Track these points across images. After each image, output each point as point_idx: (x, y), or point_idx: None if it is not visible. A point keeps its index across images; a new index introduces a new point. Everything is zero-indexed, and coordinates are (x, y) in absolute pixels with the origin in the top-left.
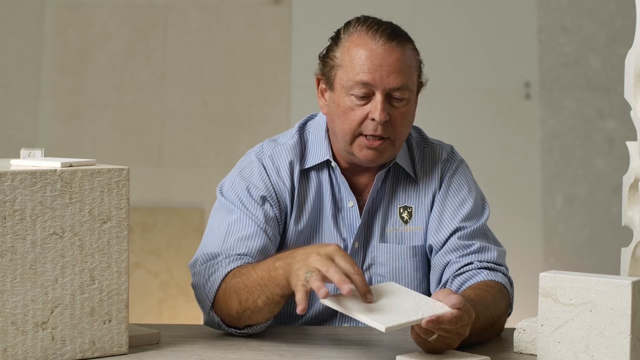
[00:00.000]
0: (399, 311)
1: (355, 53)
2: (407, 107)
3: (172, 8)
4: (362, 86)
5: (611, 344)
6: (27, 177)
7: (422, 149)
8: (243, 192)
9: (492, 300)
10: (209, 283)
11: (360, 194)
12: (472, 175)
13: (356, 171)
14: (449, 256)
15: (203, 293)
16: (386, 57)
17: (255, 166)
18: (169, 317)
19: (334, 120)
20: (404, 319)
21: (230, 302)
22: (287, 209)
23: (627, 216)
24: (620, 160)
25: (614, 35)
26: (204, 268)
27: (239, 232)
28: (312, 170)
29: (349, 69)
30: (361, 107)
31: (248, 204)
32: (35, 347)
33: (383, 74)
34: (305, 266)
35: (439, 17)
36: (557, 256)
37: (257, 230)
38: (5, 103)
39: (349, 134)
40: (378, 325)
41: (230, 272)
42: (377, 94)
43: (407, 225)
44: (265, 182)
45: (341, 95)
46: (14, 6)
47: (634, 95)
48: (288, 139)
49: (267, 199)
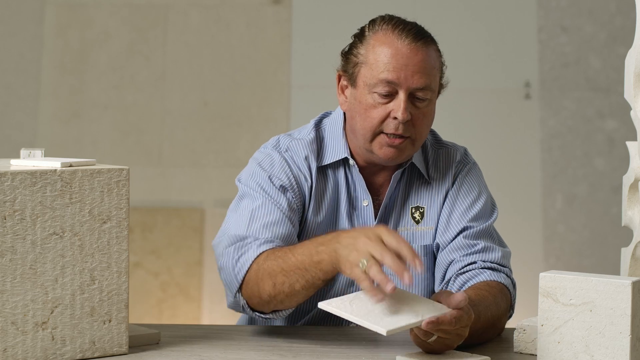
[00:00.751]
0: (398, 313)
1: (381, 51)
2: (429, 108)
3: (172, 8)
4: (386, 84)
5: (611, 344)
6: (27, 177)
7: (437, 151)
8: (265, 181)
9: (493, 301)
10: (238, 264)
11: (375, 193)
12: (483, 178)
13: (373, 170)
14: (453, 254)
15: (232, 274)
16: (412, 56)
17: (275, 158)
18: (169, 317)
19: (355, 117)
20: (404, 321)
21: (263, 284)
22: (306, 201)
23: (627, 216)
24: (620, 160)
25: (614, 35)
26: (233, 249)
27: (264, 218)
28: (328, 168)
29: (373, 66)
30: (383, 106)
31: (271, 191)
32: (35, 347)
33: (408, 73)
34: (357, 252)
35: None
36: (557, 256)
37: (282, 217)
38: (5, 103)
39: (370, 131)
40: (379, 329)
41: (263, 254)
42: (401, 93)
43: (419, 225)
44: (286, 173)
45: (364, 93)
46: (14, 6)
47: (634, 95)
48: (305, 134)
49: (288, 188)
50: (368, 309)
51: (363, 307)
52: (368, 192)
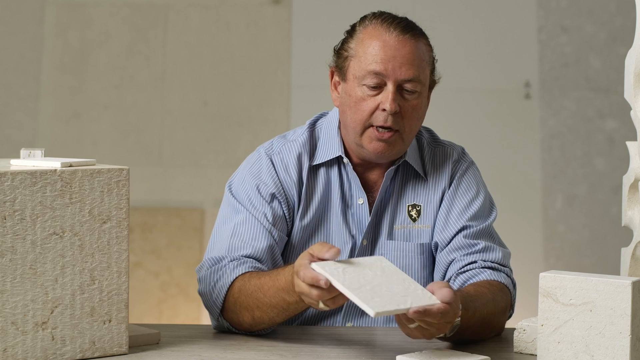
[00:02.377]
0: (388, 295)
1: (369, 44)
2: (418, 101)
3: (172, 8)
4: (374, 76)
5: (611, 344)
6: (27, 177)
7: (433, 149)
8: (253, 191)
9: (492, 298)
10: (215, 291)
11: (369, 191)
12: (481, 177)
13: (367, 168)
14: (453, 254)
15: (210, 301)
16: (399, 48)
17: (263, 162)
18: (169, 317)
19: (346, 111)
20: (393, 306)
21: (242, 316)
22: (295, 206)
23: (627, 216)
24: (620, 160)
25: (614, 35)
26: (209, 274)
27: (245, 234)
28: (321, 167)
29: (362, 59)
30: (372, 98)
31: (257, 203)
32: (35, 347)
33: (395, 64)
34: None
35: (438, 17)
36: (557, 256)
37: (262, 231)
38: (5, 103)
39: (360, 124)
40: (368, 309)
41: (237, 281)
42: (389, 85)
43: (416, 223)
44: (273, 179)
45: (353, 86)
46: (14, 6)
47: (634, 95)
48: (298, 135)
49: (276, 196)
50: (360, 282)
51: (355, 279)
52: (363, 190)
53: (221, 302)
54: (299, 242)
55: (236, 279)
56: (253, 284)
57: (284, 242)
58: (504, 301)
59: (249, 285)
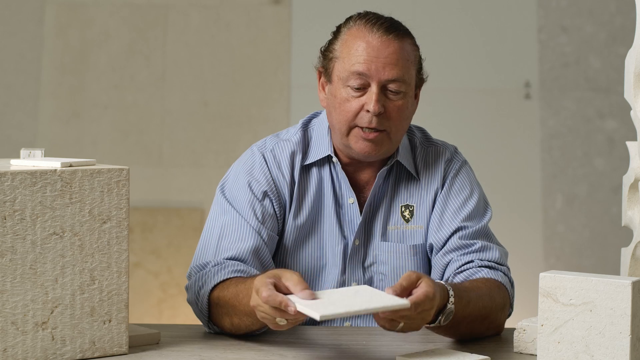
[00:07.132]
0: (344, 303)
1: (352, 45)
2: (404, 101)
3: (172, 8)
4: (357, 77)
5: (611, 344)
6: (27, 177)
7: (426, 149)
8: (245, 188)
9: (487, 292)
10: (199, 300)
11: (361, 191)
12: (475, 177)
13: (357, 167)
14: (450, 255)
15: (198, 309)
16: (382, 49)
17: (256, 159)
18: (169, 317)
19: (331, 112)
20: (341, 309)
21: (224, 322)
22: (287, 204)
23: (627, 216)
24: (620, 160)
25: (614, 35)
26: (194, 282)
27: (232, 234)
28: (313, 166)
29: (345, 60)
30: (357, 99)
31: (247, 201)
32: (35, 347)
33: (379, 65)
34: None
35: (438, 17)
36: (557, 256)
37: (249, 231)
38: (5, 103)
39: (345, 124)
40: (313, 313)
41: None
42: (373, 85)
43: (409, 223)
44: (266, 176)
45: (338, 87)
46: (14, 6)
47: (634, 95)
48: (292, 135)
49: (268, 193)
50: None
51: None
52: (352, 189)
53: (206, 310)
54: (294, 242)
55: (215, 286)
56: (230, 292)
57: (275, 241)
58: (501, 298)
59: (227, 292)
